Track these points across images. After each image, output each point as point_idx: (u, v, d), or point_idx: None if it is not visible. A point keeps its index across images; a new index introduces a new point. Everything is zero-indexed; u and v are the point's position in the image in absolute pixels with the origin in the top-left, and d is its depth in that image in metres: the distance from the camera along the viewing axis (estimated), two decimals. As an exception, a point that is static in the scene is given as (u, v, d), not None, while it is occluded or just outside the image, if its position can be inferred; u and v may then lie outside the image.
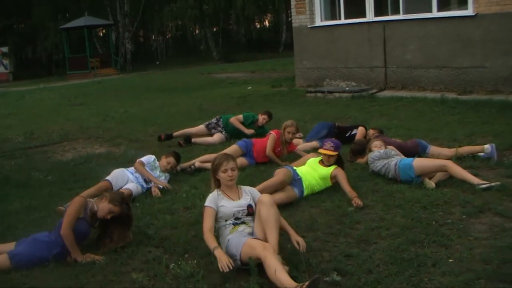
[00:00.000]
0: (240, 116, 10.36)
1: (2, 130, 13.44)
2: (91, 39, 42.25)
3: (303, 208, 6.11)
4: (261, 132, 10.12)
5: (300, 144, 9.14)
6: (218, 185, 5.01)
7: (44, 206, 6.71)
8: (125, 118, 14.13)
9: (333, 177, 6.66)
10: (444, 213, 5.63)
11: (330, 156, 6.70)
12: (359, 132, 9.31)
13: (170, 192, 7.08)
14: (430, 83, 15.01)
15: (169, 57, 53.59)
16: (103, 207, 5.32)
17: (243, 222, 4.85)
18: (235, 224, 4.83)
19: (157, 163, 7.62)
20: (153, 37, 59.15)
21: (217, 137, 10.18)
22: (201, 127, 10.46)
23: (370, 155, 7.40)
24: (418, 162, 6.72)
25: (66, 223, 5.08)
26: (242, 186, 5.11)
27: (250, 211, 4.88)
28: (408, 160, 6.85)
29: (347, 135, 9.38)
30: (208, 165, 7.90)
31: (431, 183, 6.50)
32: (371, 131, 9.17)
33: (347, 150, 8.33)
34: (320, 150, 6.79)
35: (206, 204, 4.86)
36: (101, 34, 52.25)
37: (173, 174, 7.88)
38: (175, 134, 10.37)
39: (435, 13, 14.91)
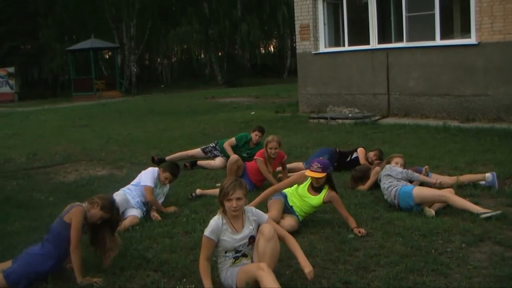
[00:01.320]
0: (233, 140, 10.32)
1: (5, 150, 13.47)
2: (97, 61, 42.55)
3: (302, 234, 6.10)
4: (259, 149, 10.15)
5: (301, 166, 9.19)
6: (224, 210, 4.79)
7: (45, 227, 6.69)
8: (128, 140, 14.17)
9: (326, 202, 6.48)
10: (444, 242, 5.63)
11: (318, 178, 6.33)
12: (360, 153, 9.35)
13: (170, 216, 7.07)
14: (433, 111, 15.06)
15: (174, 80, 53.83)
16: (94, 213, 5.30)
17: (243, 255, 4.81)
18: (236, 258, 4.78)
19: (159, 179, 7.50)
20: (159, 60, 59.52)
21: (219, 161, 10.21)
22: (197, 151, 10.51)
23: (390, 168, 7.27)
24: (418, 191, 6.70)
25: (75, 238, 5.06)
26: (247, 210, 4.90)
27: (252, 242, 4.80)
28: (408, 188, 6.81)
29: (348, 159, 9.42)
30: (210, 191, 7.94)
31: (431, 211, 6.50)
32: (371, 154, 9.22)
33: (349, 177, 8.36)
34: (307, 173, 6.40)
35: (206, 234, 4.69)
36: (107, 57, 52.61)
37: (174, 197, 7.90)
38: (167, 158, 10.39)
39: (438, 41, 15.02)
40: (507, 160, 9.23)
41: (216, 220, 4.75)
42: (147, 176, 7.36)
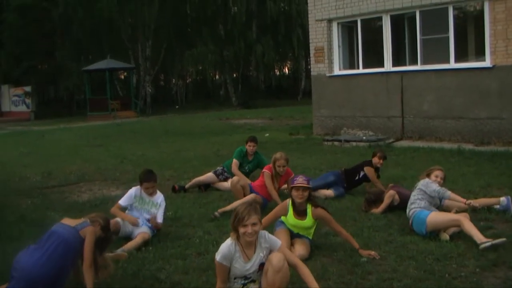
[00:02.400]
0: (236, 161, 10.13)
1: (20, 169, 13.58)
2: (112, 81, 42.87)
3: (315, 257, 6.09)
4: (258, 160, 10.19)
5: None
6: (237, 236, 4.68)
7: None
8: (143, 161, 14.23)
9: (317, 219, 6.35)
10: (458, 266, 5.59)
11: (303, 190, 6.13)
12: (368, 172, 9.23)
13: (184, 237, 7.07)
14: (447, 134, 15.03)
15: (189, 101, 54.07)
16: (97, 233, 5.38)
17: (252, 281, 4.79)
18: (244, 284, 4.77)
19: (143, 194, 7.36)
20: (174, 81, 59.80)
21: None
22: (210, 175, 10.36)
23: (426, 183, 7.08)
24: (433, 219, 6.59)
25: (90, 256, 5.10)
26: (260, 235, 4.77)
27: (262, 268, 4.74)
28: (424, 214, 6.71)
29: (356, 178, 9.38)
30: (229, 207, 7.91)
31: (445, 236, 6.46)
32: (375, 159, 9.19)
33: (362, 199, 8.33)
34: (292, 187, 6.20)
35: (218, 259, 4.64)
36: (122, 77, 52.97)
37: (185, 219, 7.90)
38: (187, 186, 10.24)
39: (452, 64, 15.04)
40: (522, 184, 9.18)
41: (228, 246, 4.68)
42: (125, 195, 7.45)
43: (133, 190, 7.41)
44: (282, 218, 6.46)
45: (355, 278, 5.42)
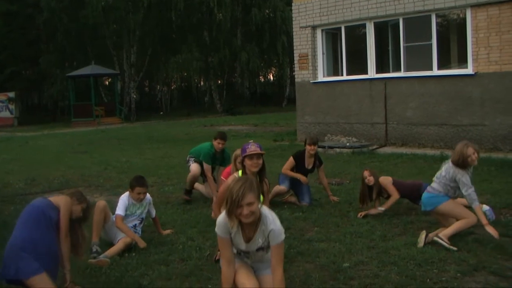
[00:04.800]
0: (208, 167, 9.74)
1: (3, 175, 13.49)
2: (97, 87, 42.78)
3: (297, 263, 6.10)
4: (224, 157, 9.93)
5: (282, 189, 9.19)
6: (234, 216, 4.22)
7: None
8: (127, 167, 14.19)
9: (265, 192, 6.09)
10: (439, 271, 5.63)
11: (257, 157, 5.88)
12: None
13: (167, 243, 7.06)
14: (430, 140, 15.15)
15: (173, 108, 54.07)
16: (76, 210, 5.40)
17: (247, 257, 4.57)
18: (238, 254, 4.56)
19: (133, 200, 7.22)
20: (158, 88, 59.82)
21: (194, 167, 9.84)
22: (193, 168, 9.91)
23: (463, 173, 6.68)
24: (450, 207, 6.67)
25: (65, 226, 5.09)
26: (264, 218, 4.32)
27: (259, 251, 4.43)
28: (441, 199, 6.71)
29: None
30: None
31: (421, 241, 6.48)
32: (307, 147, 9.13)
33: (344, 205, 8.36)
34: (245, 156, 5.94)
35: (216, 231, 4.36)
36: (107, 83, 52.87)
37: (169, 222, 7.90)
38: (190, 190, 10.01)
39: (435, 71, 15.18)
40: (503, 189, 9.27)
41: (224, 217, 4.29)
42: (118, 204, 7.21)
43: (125, 198, 7.26)
44: None
45: (338, 283, 5.44)
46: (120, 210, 7.10)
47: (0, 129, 35.46)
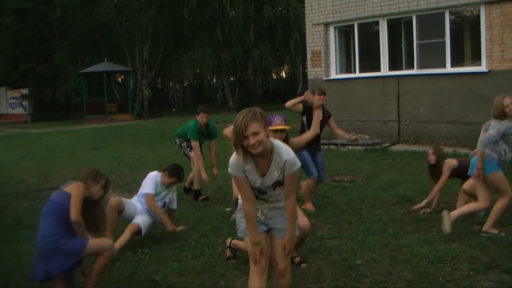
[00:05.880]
0: (196, 143, 9.83)
1: (17, 172, 13.59)
2: (110, 84, 42.89)
3: (310, 260, 6.11)
4: (210, 130, 10.04)
5: None
6: (244, 152, 4.06)
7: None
8: (139, 164, 14.25)
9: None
10: (452, 269, 5.62)
11: (281, 132, 5.85)
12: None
13: (179, 239, 7.09)
14: (443, 138, 15.08)
15: (186, 104, 54.08)
16: (95, 190, 5.36)
17: (263, 199, 4.32)
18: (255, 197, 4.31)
19: (160, 181, 7.31)
20: (171, 85, 59.87)
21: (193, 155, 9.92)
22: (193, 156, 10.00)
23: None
24: (497, 177, 6.82)
25: (77, 208, 5.04)
26: (276, 149, 4.14)
27: (275, 186, 4.23)
28: (493, 168, 6.83)
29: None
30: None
31: (447, 227, 6.55)
32: (316, 97, 8.96)
33: (357, 202, 8.34)
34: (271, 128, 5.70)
35: (229, 171, 4.18)
36: (120, 80, 52.97)
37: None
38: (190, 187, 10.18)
39: (448, 69, 15.11)
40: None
41: (236, 157, 4.11)
42: (147, 183, 7.23)
43: (157, 177, 7.29)
44: None
45: (350, 281, 5.45)
46: (151, 189, 7.10)
47: (14, 125, 35.69)
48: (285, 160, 4.10)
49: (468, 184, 7.49)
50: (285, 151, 4.14)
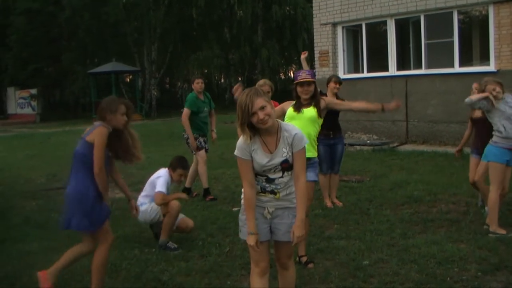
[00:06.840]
0: (186, 110, 9.91)
1: (25, 171, 13.64)
2: (118, 84, 42.93)
3: (317, 260, 6.10)
4: (209, 98, 10.27)
5: None
6: (253, 133, 4.12)
7: (63, 248, 6.75)
8: (147, 164, 14.17)
9: (324, 109, 5.92)
10: (459, 270, 5.60)
11: (308, 84, 5.73)
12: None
13: (186, 239, 7.10)
14: (452, 138, 15.02)
15: (194, 104, 54.07)
16: (118, 120, 5.31)
17: (272, 192, 4.25)
18: (263, 189, 4.26)
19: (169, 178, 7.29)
20: (179, 85, 59.94)
21: (201, 154, 10.08)
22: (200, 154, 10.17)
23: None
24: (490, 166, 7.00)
25: (99, 159, 4.99)
26: (283, 127, 4.18)
27: (285, 166, 4.17)
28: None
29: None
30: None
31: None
32: (332, 84, 9.45)
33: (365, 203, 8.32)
34: (297, 83, 5.79)
35: (236, 153, 4.20)
36: (128, 80, 53.04)
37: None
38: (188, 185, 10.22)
39: (457, 69, 15.06)
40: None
41: (243, 139, 4.16)
42: (160, 181, 7.19)
43: (167, 176, 7.28)
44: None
45: (357, 281, 5.43)
46: (163, 188, 7.05)
47: (22, 125, 35.82)
48: (294, 133, 4.14)
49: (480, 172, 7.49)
50: (293, 127, 4.23)
